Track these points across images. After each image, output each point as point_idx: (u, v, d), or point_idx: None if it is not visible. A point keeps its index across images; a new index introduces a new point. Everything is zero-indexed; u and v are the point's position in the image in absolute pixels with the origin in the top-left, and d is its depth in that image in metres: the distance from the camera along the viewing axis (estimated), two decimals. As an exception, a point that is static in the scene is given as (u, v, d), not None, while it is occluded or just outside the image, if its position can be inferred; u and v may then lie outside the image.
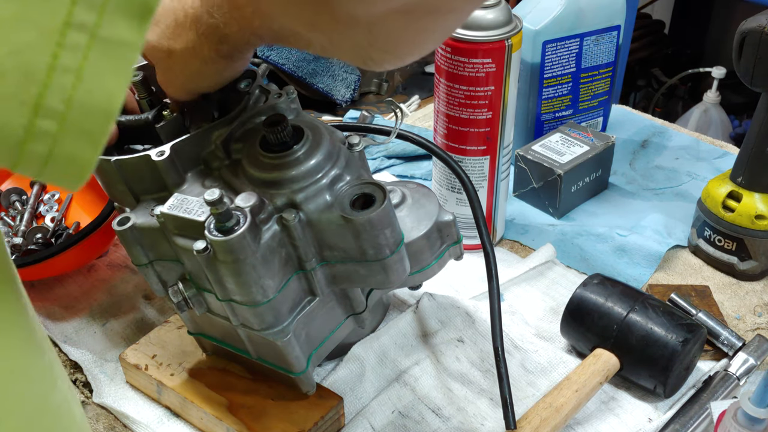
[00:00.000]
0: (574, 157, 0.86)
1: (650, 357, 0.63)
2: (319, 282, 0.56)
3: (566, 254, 0.82)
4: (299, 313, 0.57)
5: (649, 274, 0.79)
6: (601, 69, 0.93)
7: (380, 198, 0.52)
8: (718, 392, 0.64)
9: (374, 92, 1.16)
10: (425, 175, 0.95)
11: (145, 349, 0.67)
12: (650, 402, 0.65)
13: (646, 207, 0.90)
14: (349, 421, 0.63)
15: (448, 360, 0.69)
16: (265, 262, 0.51)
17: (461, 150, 0.76)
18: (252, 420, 0.61)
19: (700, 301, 0.75)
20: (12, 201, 0.89)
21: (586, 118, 0.97)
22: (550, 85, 0.91)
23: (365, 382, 0.66)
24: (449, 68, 0.72)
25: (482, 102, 0.73)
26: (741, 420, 0.50)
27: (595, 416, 0.64)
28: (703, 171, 0.97)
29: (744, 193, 0.76)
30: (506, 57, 0.71)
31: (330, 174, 0.53)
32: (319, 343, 0.60)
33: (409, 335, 0.70)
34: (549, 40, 0.87)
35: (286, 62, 1.10)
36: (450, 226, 0.62)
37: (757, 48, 0.68)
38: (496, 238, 0.84)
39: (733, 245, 0.78)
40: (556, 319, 0.72)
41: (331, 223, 0.52)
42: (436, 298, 0.73)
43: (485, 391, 0.66)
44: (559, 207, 0.87)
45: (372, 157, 0.99)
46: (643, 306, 0.65)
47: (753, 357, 0.66)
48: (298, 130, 0.55)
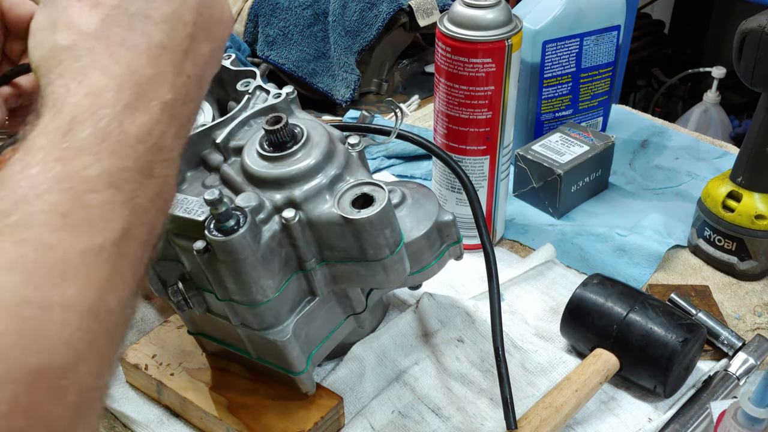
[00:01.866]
0: (574, 157, 0.86)
1: (650, 357, 0.63)
2: (319, 282, 0.56)
3: (566, 254, 0.82)
4: (299, 313, 0.57)
5: (649, 274, 0.79)
6: (601, 69, 0.93)
7: (380, 198, 0.52)
8: (718, 392, 0.64)
9: (374, 92, 1.16)
10: (425, 175, 0.95)
11: (144, 348, 0.67)
12: (650, 402, 0.65)
13: (646, 207, 0.90)
14: (349, 421, 0.63)
15: (448, 360, 0.69)
16: (265, 262, 0.51)
17: (461, 150, 0.76)
18: (252, 420, 0.61)
19: (700, 301, 0.75)
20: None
21: (586, 118, 0.97)
22: (550, 85, 0.91)
23: (365, 382, 0.66)
24: (449, 68, 0.72)
25: (482, 102, 0.73)
26: (741, 420, 0.50)
27: (595, 416, 0.64)
28: (703, 171, 0.97)
29: (744, 193, 0.76)
30: (506, 57, 0.71)
31: (330, 174, 0.53)
32: (319, 343, 0.60)
33: (409, 335, 0.70)
34: (549, 40, 0.87)
35: (286, 62, 1.10)
36: (450, 226, 0.62)
37: (757, 48, 0.68)
38: (496, 238, 0.84)
39: (733, 245, 0.78)
40: (556, 319, 0.72)
41: (331, 223, 0.52)
42: (436, 298, 0.73)
43: (485, 391, 0.66)
44: (559, 207, 0.87)
45: (372, 157, 0.99)
46: (643, 306, 0.65)
47: (753, 357, 0.66)
48: (298, 130, 0.55)
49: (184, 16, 0.40)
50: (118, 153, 0.34)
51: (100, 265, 0.32)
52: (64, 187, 0.32)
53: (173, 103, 0.38)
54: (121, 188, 0.34)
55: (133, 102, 0.36)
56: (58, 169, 0.32)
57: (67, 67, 0.36)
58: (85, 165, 0.33)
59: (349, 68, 1.09)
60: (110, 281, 0.32)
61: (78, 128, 0.34)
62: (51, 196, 0.31)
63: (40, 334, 0.29)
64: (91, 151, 0.33)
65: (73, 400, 0.30)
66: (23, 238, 0.30)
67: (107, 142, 0.34)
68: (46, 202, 0.31)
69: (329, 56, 1.11)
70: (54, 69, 0.37)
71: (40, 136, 0.34)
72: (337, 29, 1.10)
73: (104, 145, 0.34)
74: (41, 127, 0.34)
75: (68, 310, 0.30)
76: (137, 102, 0.36)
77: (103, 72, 0.36)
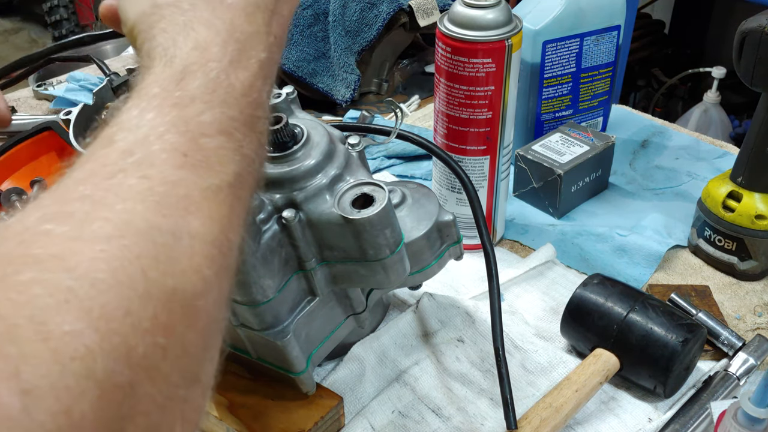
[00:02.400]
0: (574, 157, 0.86)
1: (650, 357, 0.63)
2: (319, 282, 0.56)
3: (566, 254, 0.82)
4: (299, 313, 0.57)
5: (649, 274, 0.79)
6: (601, 69, 0.93)
7: (380, 198, 0.52)
8: (718, 392, 0.64)
9: (374, 92, 1.16)
10: (425, 175, 0.95)
11: (145, 349, 0.67)
12: (650, 402, 0.65)
13: (646, 207, 0.90)
14: (349, 421, 0.63)
15: (448, 360, 0.69)
16: (265, 262, 0.51)
17: (461, 150, 0.76)
18: (252, 420, 0.61)
19: (700, 301, 0.75)
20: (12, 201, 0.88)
21: (586, 118, 0.97)
22: (550, 85, 0.91)
23: (365, 382, 0.66)
24: (449, 68, 0.72)
25: (482, 102, 0.73)
26: (741, 420, 0.50)
27: (595, 416, 0.64)
28: (703, 171, 0.97)
29: (744, 193, 0.76)
30: (506, 57, 0.71)
31: (330, 174, 0.53)
32: (319, 343, 0.60)
33: (409, 335, 0.70)
34: (549, 40, 0.87)
35: (286, 62, 1.10)
36: (450, 226, 0.62)
37: (757, 48, 0.68)
38: (496, 238, 0.84)
39: (733, 245, 0.78)
40: (556, 319, 0.72)
41: (331, 223, 0.52)
42: (436, 298, 0.73)
43: (485, 391, 0.66)
44: (559, 207, 0.87)
45: (372, 157, 0.99)
46: (643, 306, 0.65)
47: (753, 357, 0.66)
48: (298, 130, 0.55)
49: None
50: (227, 103, 0.36)
51: (219, 204, 0.33)
52: (181, 130, 0.33)
53: (267, 61, 0.39)
54: (232, 136, 0.35)
55: (236, 57, 0.37)
56: (174, 114, 0.34)
57: (171, 21, 0.38)
58: (199, 111, 0.34)
59: (349, 68, 1.09)
60: (229, 219, 0.34)
61: (189, 78, 0.35)
62: (170, 137, 0.33)
63: (172, 259, 0.30)
64: (203, 99, 0.35)
65: (202, 326, 0.31)
66: (148, 173, 0.31)
67: (217, 92, 0.35)
68: (166, 142, 0.32)
69: (329, 56, 1.11)
70: (156, 24, 0.38)
71: (153, 85, 0.35)
72: (337, 29, 1.10)
73: (214, 95, 0.35)
74: (153, 77, 0.36)
75: (196, 240, 0.31)
76: (239, 57, 0.38)
77: (207, 27, 0.38)
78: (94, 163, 0.32)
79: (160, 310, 0.28)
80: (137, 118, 0.33)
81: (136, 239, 0.29)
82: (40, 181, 0.91)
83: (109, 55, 1.55)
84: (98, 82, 1.09)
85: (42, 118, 1.07)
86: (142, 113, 0.34)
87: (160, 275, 0.29)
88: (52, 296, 0.26)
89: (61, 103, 1.12)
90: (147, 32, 0.39)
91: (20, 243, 0.27)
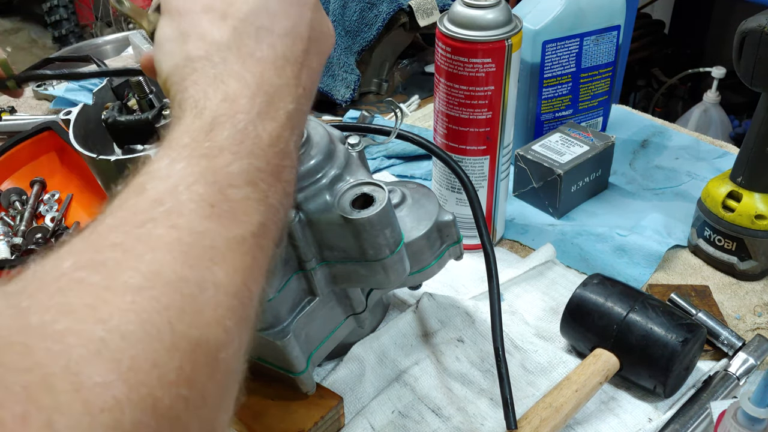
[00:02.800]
0: (574, 157, 0.86)
1: (650, 357, 0.63)
2: (319, 282, 0.56)
3: (566, 254, 0.82)
4: (299, 313, 0.57)
5: (649, 274, 0.79)
6: (601, 69, 0.93)
7: (380, 198, 0.52)
8: (718, 392, 0.64)
9: (374, 92, 1.16)
10: (425, 175, 0.95)
11: (145, 349, 0.67)
12: (650, 402, 0.65)
13: (646, 207, 0.90)
14: (349, 421, 0.63)
15: (448, 360, 0.69)
16: (265, 262, 0.51)
17: (461, 150, 0.76)
18: (252, 420, 0.61)
19: (700, 301, 0.75)
20: (12, 201, 0.89)
21: (586, 118, 0.97)
22: (550, 85, 0.91)
23: (365, 382, 0.66)
24: (449, 68, 0.72)
25: (482, 102, 0.73)
26: (741, 420, 0.50)
27: (595, 416, 0.64)
28: (703, 171, 0.97)
29: (744, 193, 0.76)
30: (506, 57, 0.71)
31: (330, 174, 0.53)
32: (319, 343, 0.60)
33: (409, 335, 0.70)
34: (549, 40, 0.87)
35: (286, 62, 1.10)
36: (450, 226, 0.62)
37: (757, 48, 0.68)
38: (496, 238, 0.84)
39: (733, 245, 0.78)
40: (556, 319, 0.72)
41: (331, 223, 0.52)
42: (436, 298, 0.73)
43: (485, 391, 0.66)
44: (559, 207, 0.87)
45: (372, 157, 0.99)
46: (643, 306, 0.65)
47: (753, 357, 0.66)
48: (298, 130, 0.55)
49: (301, 31, 0.43)
50: (254, 154, 0.37)
51: (242, 254, 0.34)
52: (210, 181, 0.34)
53: (295, 112, 0.40)
54: (257, 186, 0.36)
55: (264, 109, 0.39)
56: (203, 164, 0.35)
57: (202, 74, 0.39)
58: (227, 162, 0.36)
59: (349, 68, 1.09)
60: (251, 270, 0.35)
61: (219, 129, 0.37)
62: (199, 188, 0.34)
63: (197, 311, 0.31)
64: (231, 150, 0.36)
65: (222, 378, 0.32)
66: (177, 223, 0.32)
67: (245, 144, 0.37)
68: (194, 193, 0.34)
69: (329, 56, 1.11)
70: (188, 76, 0.40)
71: (184, 136, 0.36)
72: (337, 29, 1.10)
73: (243, 146, 0.37)
74: (183, 128, 0.37)
75: (219, 292, 0.32)
76: (267, 109, 0.39)
77: (237, 80, 0.39)
78: (126, 212, 0.33)
79: (185, 362, 0.29)
80: (167, 168, 0.35)
81: (164, 290, 0.30)
82: (40, 180, 0.91)
83: (108, 55, 1.55)
84: (98, 82, 1.09)
85: (42, 118, 1.07)
86: (173, 163, 0.35)
87: (186, 327, 0.30)
88: (85, 347, 0.27)
89: (61, 103, 1.12)
90: (179, 84, 0.40)
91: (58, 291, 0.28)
